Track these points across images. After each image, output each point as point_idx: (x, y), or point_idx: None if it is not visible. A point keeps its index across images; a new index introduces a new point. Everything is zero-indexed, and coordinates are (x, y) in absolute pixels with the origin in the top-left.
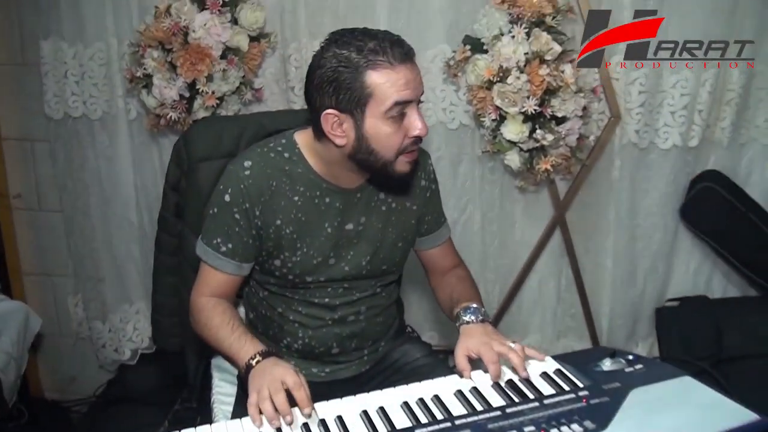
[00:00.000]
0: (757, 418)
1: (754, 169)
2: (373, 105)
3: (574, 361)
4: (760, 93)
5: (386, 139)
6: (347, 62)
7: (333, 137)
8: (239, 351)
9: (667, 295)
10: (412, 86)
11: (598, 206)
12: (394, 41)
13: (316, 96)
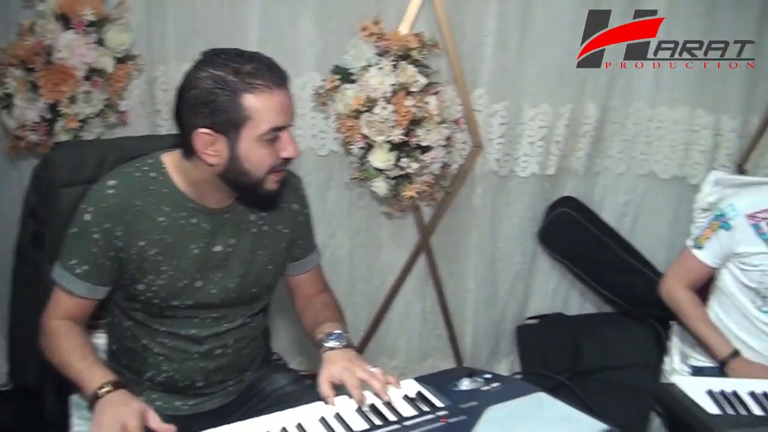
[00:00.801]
0: (607, 429)
1: (607, 196)
2: (249, 128)
3: (435, 381)
4: (613, 126)
5: (259, 160)
6: (224, 84)
7: (205, 156)
8: (89, 379)
9: (527, 313)
10: (288, 111)
11: (461, 231)
12: (270, 65)
13: (189, 115)
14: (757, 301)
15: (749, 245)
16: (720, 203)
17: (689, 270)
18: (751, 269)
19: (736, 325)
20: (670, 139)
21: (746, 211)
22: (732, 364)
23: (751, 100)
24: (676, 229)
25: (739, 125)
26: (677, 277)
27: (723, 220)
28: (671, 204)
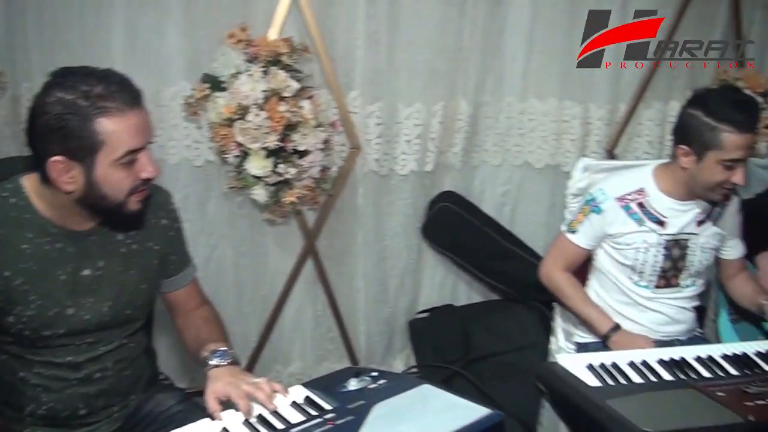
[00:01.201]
0: (489, 412)
1: (486, 188)
2: (104, 153)
3: (323, 385)
4: (487, 121)
5: (118, 183)
6: (74, 109)
7: (60, 184)
8: None
9: (418, 307)
10: (143, 132)
11: (346, 232)
12: (122, 84)
13: (40, 142)
14: (633, 276)
15: (621, 226)
16: (590, 188)
17: (565, 253)
18: (624, 248)
19: (615, 301)
20: (541, 130)
21: (615, 194)
22: (613, 337)
23: (617, 88)
24: (553, 215)
25: (607, 113)
26: (554, 260)
27: (594, 205)
28: (547, 191)
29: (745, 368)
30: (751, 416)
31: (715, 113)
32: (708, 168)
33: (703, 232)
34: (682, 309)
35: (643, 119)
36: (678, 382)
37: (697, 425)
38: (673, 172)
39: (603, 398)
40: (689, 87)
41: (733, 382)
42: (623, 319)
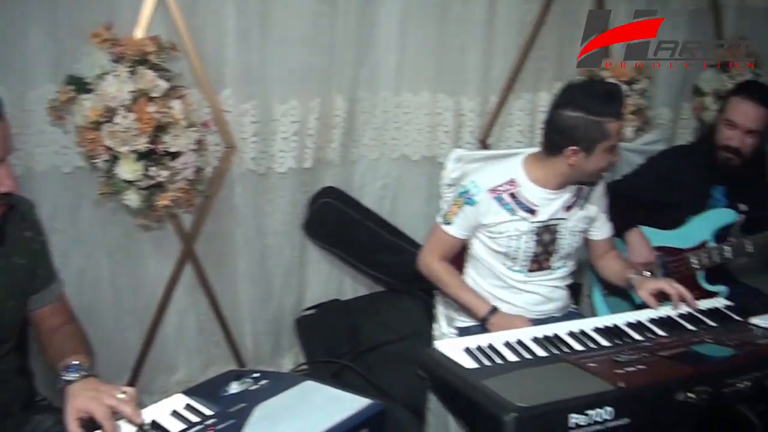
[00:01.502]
0: (370, 403)
1: (365, 182)
2: None
3: (204, 391)
4: (363, 116)
5: None
6: None
7: None
8: None
9: (304, 304)
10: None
11: (226, 233)
12: None
13: None
14: (507, 262)
15: (494, 216)
16: (463, 180)
17: (442, 243)
18: (498, 236)
19: (491, 285)
20: (416, 123)
21: (488, 186)
22: (491, 320)
23: (487, 81)
24: (432, 206)
25: (478, 105)
26: (431, 250)
27: (467, 197)
28: (425, 183)
29: (615, 338)
30: (621, 383)
31: (596, 109)
32: (597, 158)
33: (571, 217)
34: (555, 288)
35: (514, 110)
36: (552, 357)
37: (570, 396)
38: (552, 167)
39: (479, 379)
40: (556, 78)
41: (604, 353)
42: (500, 302)
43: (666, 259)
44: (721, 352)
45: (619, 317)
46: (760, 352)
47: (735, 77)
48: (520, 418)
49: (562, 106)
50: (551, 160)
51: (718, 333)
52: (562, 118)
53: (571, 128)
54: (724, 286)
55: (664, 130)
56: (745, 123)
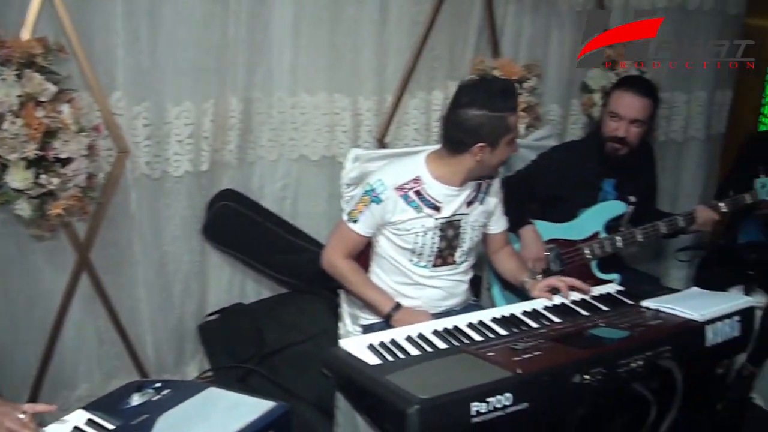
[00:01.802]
0: (274, 405)
1: (265, 183)
2: None
3: (105, 404)
4: (260, 116)
5: None
6: None
7: None
8: None
9: (207, 310)
10: None
11: (122, 241)
12: None
13: None
14: (413, 258)
15: (401, 214)
16: (369, 179)
17: (346, 241)
18: (405, 233)
19: (395, 282)
20: (314, 123)
21: (394, 184)
22: (395, 316)
23: (382, 80)
24: (333, 205)
25: (375, 104)
26: (335, 248)
27: (373, 195)
28: (325, 182)
29: (512, 327)
30: (519, 369)
31: (498, 105)
32: (501, 151)
33: (472, 212)
34: (457, 282)
35: (410, 108)
36: (452, 349)
37: (471, 385)
38: (457, 165)
39: (383, 374)
40: (449, 77)
41: (502, 342)
42: (405, 298)
43: (560, 251)
44: (614, 334)
45: (515, 307)
46: (651, 332)
47: (621, 74)
48: (423, 409)
49: (464, 105)
50: (456, 158)
51: (611, 317)
52: (468, 117)
53: (476, 126)
54: (617, 273)
55: (554, 126)
56: (628, 113)
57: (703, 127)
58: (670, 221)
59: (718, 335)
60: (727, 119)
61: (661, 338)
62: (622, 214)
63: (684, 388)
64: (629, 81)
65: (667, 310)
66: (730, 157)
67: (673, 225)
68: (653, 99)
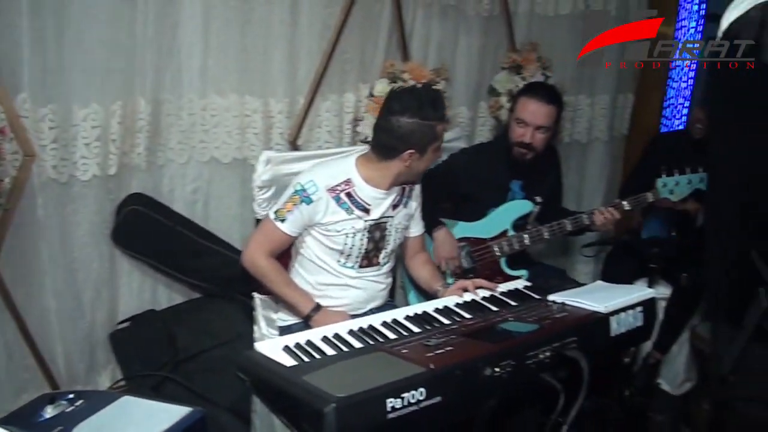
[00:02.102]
0: (190, 411)
1: (175, 187)
2: None
3: (17, 418)
4: (169, 119)
5: None
6: None
7: None
8: None
9: (118, 318)
10: None
11: (28, 248)
12: None
13: None
14: (341, 259)
15: (332, 215)
16: (299, 178)
17: (271, 240)
18: (335, 234)
19: (320, 284)
20: (225, 126)
21: (327, 185)
22: (314, 317)
23: (294, 83)
24: (246, 208)
25: (286, 107)
26: (259, 246)
27: (304, 195)
28: (237, 185)
29: (425, 324)
30: (432, 365)
31: (429, 114)
32: (428, 158)
33: (397, 215)
34: (379, 284)
35: (322, 111)
36: (367, 348)
37: (386, 382)
38: (387, 169)
39: (299, 375)
40: (361, 80)
41: (415, 339)
42: (328, 299)
43: (471, 249)
44: (523, 328)
45: (428, 305)
46: (557, 325)
47: (527, 78)
48: (339, 407)
49: (396, 113)
50: (386, 162)
51: (519, 311)
52: (400, 124)
53: (408, 133)
54: (525, 269)
55: (463, 128)
56: (534, 120)
57: (606, 129)
58: (575, 219)
59: (622, 325)
60: (629, 121)
61: (568, 330)
62: (529, 213)
63: (591, 377)
64: (534, 88)
65: (572, 303)
66: (632, 157)
67: (577, 222)
68: (558, 105)
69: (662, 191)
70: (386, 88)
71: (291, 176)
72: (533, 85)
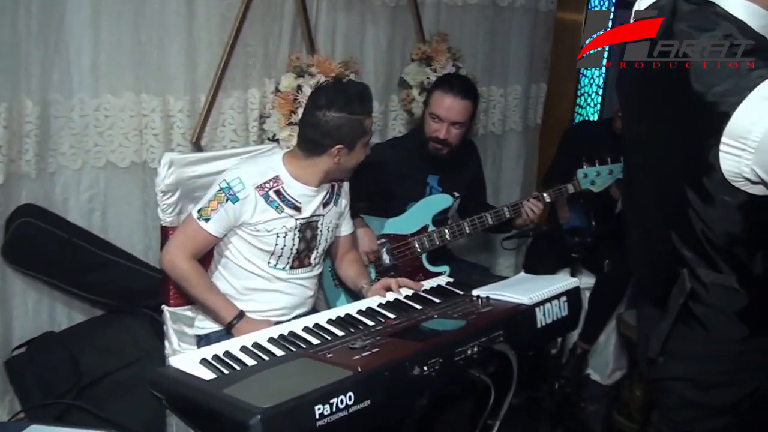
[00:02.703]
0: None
1: (69, 195)
2: None
3: None
4: (59, 121)
5: None
6: None
7: None
8: None
9: (13, 343)
10: None
11: None
12: None
13: None
14: (271, 261)
15: (261, 214)
16: (225, 175)
17: (194, 241)
18: (265, 234)
19: (247, 288)
20: (121, 127)
21: (254, 183)
22: (237, 325)
23: (194, 79)
24: (148, 215)
25: (187, 105)
26: (180, 247)
27: (230, 193)
28: (137, 191)
29: (349, 327)
30: (359, 367)
31: (356, 109)
32: (357, 153)
33: (328, 213)
34: (308, 289)
35: (225, 108)
36: (290, 355)
37: (312, 389)
38: (315, 166)
39: (219, 388)
40: (265, 74)
41: (340, 342)
42: (254, 303)
43: (392, 246)
44: (448, 325)
45: (350, 307)
46: (483, 319)
47: (438, 70)
48: (265, 418)
49: (323, 108)
50: (314, 159)
51: (444, 308)
52: (327, 119)
53: (336, 128)
54: (446, 265)
55: (375, 122)
56: (449, 116)
57: (520, 120)
58: (496, 213)
59: (548, 316)
60: (543, 111)
61: (494, 324)
62: (449, 207)
63: (520, 370)
64: (449, 82)
65: (497, 297)
66: (547, 147)
67: (499, 216)
68: (473, 100)
69: (583, 182)
70: (293, 83)
71: (196, 179)
72: (448, 79)
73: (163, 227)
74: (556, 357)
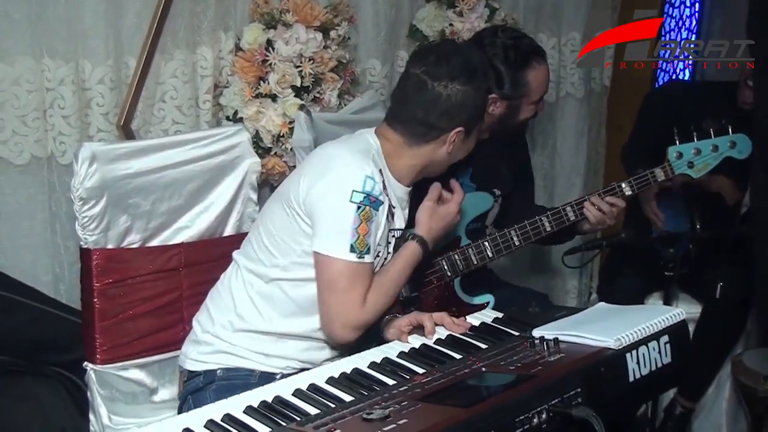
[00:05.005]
0: None
1: None
2: None
3: None
4: None
5: None
6: None
7: None
8: None
9: None
10: None
11: None
12: None
13: None
14: None
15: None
16: (348, 184)
17: (365, 282)
18: None
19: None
20: (15, 107)
21: (378, 177)
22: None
23: (119, 37)
24: (62, 232)
25: (111, 72)
26: (356, 302)
27: (373, 200)
28: (42, 197)
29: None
30: None
31: (481, 84)
32: (470, 142)
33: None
34: None
35: (165, 76)
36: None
37: None
38: (413, 158)
39: None
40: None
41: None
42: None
43: None
44: (501, 380)
45: (357, 359)
46: (552, 372)
47: (465, 12)
48: None
49: (443, 78)
50: (419, 148)
51: (493, 357)
52: (450, 94)
53: (459, 106)
54: (489, 293)
55: (377, 91)
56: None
57: (580, 81)
58: (555, 214)
59: (644, 365)
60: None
61: (568, 378)
62: (488, 211)
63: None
64: (534, 49)
65: (569, 339)
66: (621, 118)
67: (559, 219)
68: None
69: (677, 165)
70: (260, 37)
71: (130, 179)
72: (520, 45)
73: (83, 250)
74: (647, 420)
